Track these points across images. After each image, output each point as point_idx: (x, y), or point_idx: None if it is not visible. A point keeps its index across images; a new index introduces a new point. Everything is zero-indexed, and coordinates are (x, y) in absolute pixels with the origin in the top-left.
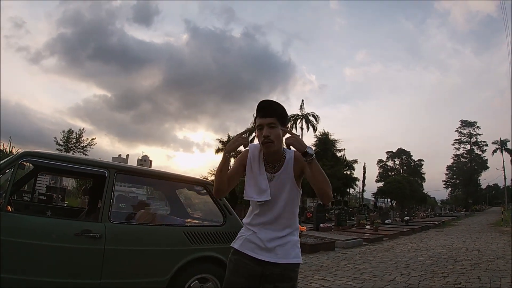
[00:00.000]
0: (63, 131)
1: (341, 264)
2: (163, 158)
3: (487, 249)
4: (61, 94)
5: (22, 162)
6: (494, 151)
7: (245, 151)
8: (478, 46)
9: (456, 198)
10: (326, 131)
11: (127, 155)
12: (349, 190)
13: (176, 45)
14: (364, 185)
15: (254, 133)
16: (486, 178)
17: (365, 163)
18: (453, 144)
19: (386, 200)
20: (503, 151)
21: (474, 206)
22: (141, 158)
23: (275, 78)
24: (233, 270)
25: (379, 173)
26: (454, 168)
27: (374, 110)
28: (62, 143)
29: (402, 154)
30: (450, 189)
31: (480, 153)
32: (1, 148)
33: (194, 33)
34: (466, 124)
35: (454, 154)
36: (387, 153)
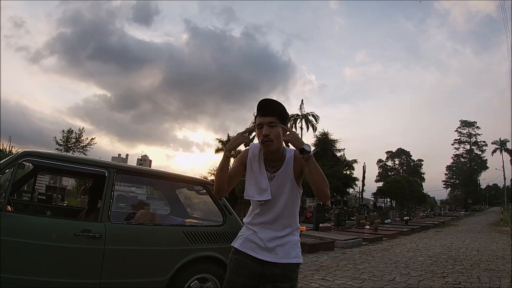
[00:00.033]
0: (63, 131)
1: (340, 264)
2: (163, 158)
3: (487, 249)
4: (60, 93)
5: (22, 162)
6: (494, 151)
7: (245, 151)
8: (478, 46)
9: (455, 198)
10: (325, 131)
11: (127, 155)
12: (348, 190)
13: (176, 45)
14: (363, 185)
15: (255, 132)
16: (485, 178)
17: (364, 163)
18: (452, 144)
19: (385, 200)
20: (503, 151)
21: (473, 206)
22: (140, 158)
23: (275, 78)
24: (233, 269)
25: (379, 173)
26: (454, 168)
27: (374, 110)
28: (62, 143)
29: (401, 154)
30: (449, 189)
31: (479, 153)
32: (0, 147)
33: (194, 33)
34: (465, 124)
35: (453, 154)
36: (387, 153)
